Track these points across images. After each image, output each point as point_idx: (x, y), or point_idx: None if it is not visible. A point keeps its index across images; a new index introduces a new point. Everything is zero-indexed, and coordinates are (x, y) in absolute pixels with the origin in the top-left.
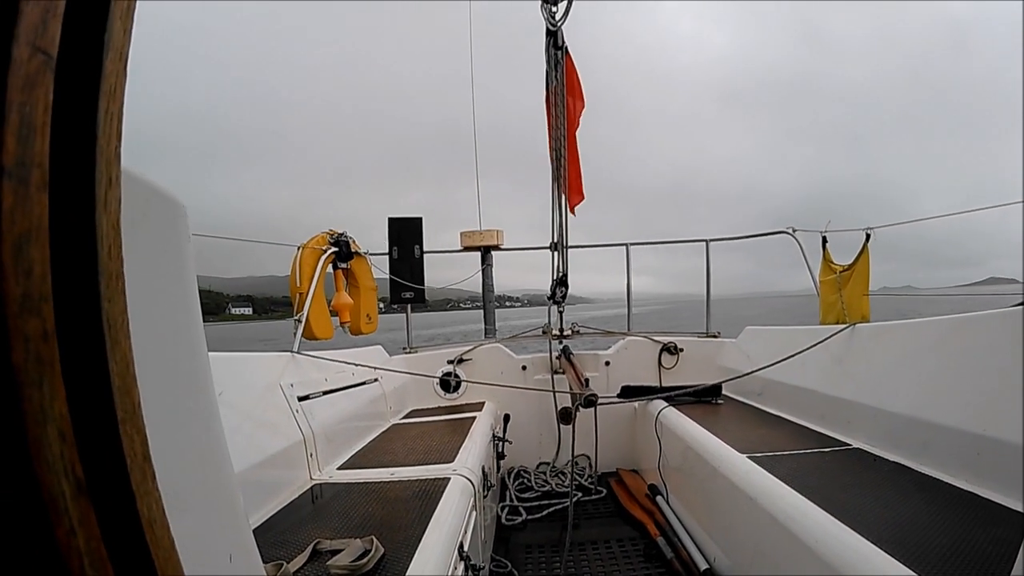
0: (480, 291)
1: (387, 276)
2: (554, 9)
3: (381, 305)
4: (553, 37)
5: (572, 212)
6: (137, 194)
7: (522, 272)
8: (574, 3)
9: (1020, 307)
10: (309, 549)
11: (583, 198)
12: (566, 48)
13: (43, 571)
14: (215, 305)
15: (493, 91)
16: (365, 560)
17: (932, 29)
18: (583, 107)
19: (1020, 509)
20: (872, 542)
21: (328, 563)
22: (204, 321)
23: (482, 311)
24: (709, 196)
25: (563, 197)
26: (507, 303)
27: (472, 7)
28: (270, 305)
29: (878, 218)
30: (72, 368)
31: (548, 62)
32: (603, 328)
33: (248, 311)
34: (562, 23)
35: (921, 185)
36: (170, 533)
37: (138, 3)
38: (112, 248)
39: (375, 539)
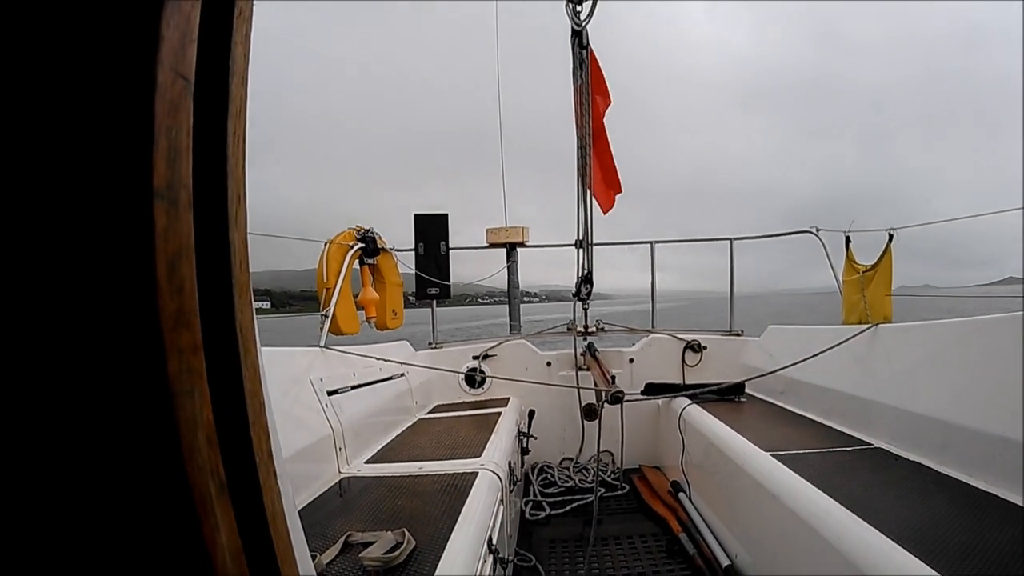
0: (503, 287)
1: (413, 272)
2: (578, 9)
3: (411, 299)
4: (578, 36)
5: (604, 211)
6: None
7: (541, 268)
8: (599, 3)
9: None
10: (341, 541)
11: (620, 191)
12: (590, 47)
13: (191, 565)
14: None
15: (518, 87)
16: (397, 552)
17: (949, 29)
18: (608, 104)
19: None
20: (893, 540)
21: (360, 555)
22: None
23: (502, 306)
24: (727, 194)
25: (588, 194)
26: (525, 299)
27: (498, 5)
28: (288, 299)
29: (895, 216)
30: (215, 376)
31: (573, 61)
32: (626, 325)
33: (267, 305)
34: (587, 23)
35: (938, 184)
36: (287, 525)
37: None
38: (242, 262)
39: (407, 532)
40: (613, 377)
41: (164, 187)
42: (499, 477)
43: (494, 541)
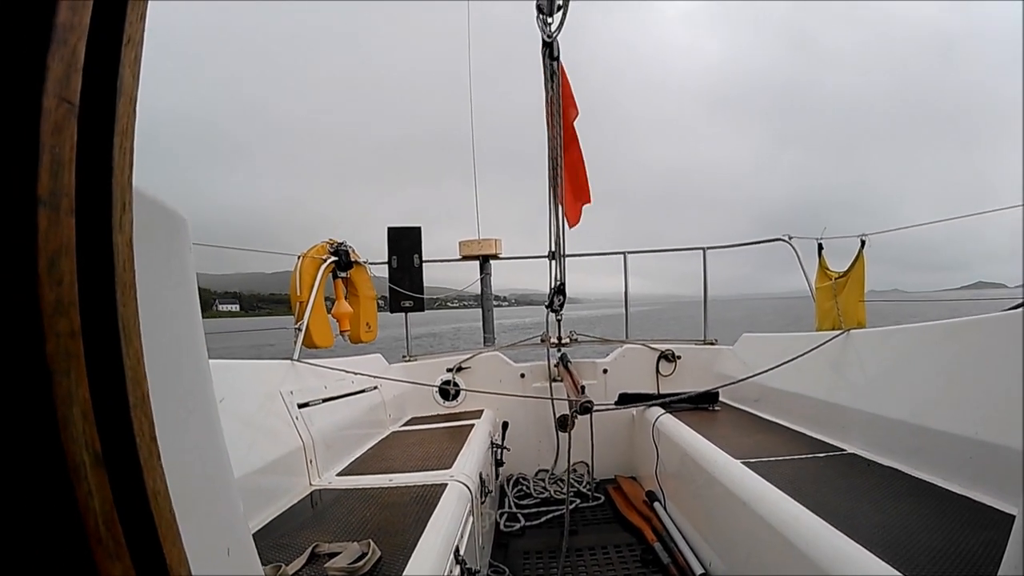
0: (474, 291)
1: (388, 283)
2: (550, 20)
3: (381, 303)
4: (549, 48)
5: (571, 225)
6: (145, 210)
7: (511, 272)
8: (572, 14)
9: (1014, 311)
10: (307, 552)
11: (589, 201)
12: (559, 59)
13: (65, 527)
14: (203, 302)
15: (493, 91)
16: (362, 563)
17: (920, 40)
18: (576, 114)
19: (1013, 512)
20: (864, 545)
21: (326, 565)
22: None
23: (471, 310)
24: (700, 198)
25: (560, 207)
26: (495, 303)
27: (469, 9)
28: (257, 302)
29: (865, 221)
30: (94, 361)
31: (544, 72)
32: (600, 335)
33: (235, 308)
34: (557, 34)
35: (907, 191)
36: (172, 505)
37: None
38: (126, 262)
39: (372, 542)
40: (583, 388)
41: (47, 195)
42: (469, 488)
43: (461, 551)
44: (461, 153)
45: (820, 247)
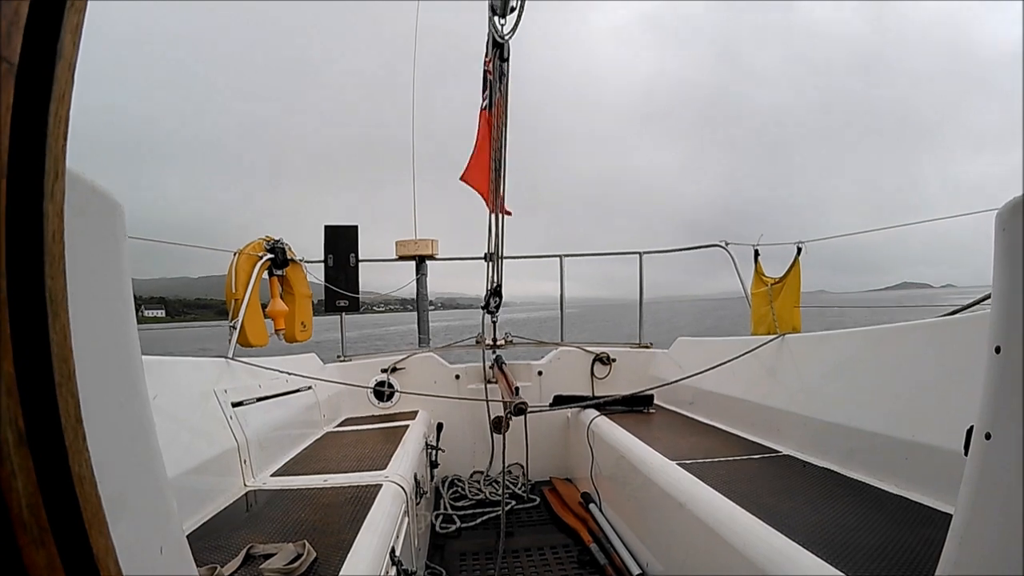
0: (405, 296)
1: (322, 283)
2: (502, 22)
3: (317, 303)
4: (500, 49)
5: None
6: (79, 192)
7: (438, 277)
8: (522, 24)
9: (946, 318)
10: (242, 554)
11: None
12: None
13: None
14: None
15: (424, 97)
16: (298, 563)
17: (841, 55)
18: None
19: (948, 511)
20: (800, 544)
21: (261, 567)
22: None
23: (399, 313)
24: (631, 205)
25: (499, 206)
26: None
27: (407, 16)
28: (183, 307)
29: (790, 226)
30: (19, 333)
31: (493, 73)
32: (535, 337)
33: (161, 313)
34: (511, 36)
35: (831, 196)
36: (98, 491)
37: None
38: (56, 233)
39: (307, 543)
40: (517, 389)
41: None
42: (404, 489)
43: (397, 552)
44: (398, 155)
45: (756, 253)
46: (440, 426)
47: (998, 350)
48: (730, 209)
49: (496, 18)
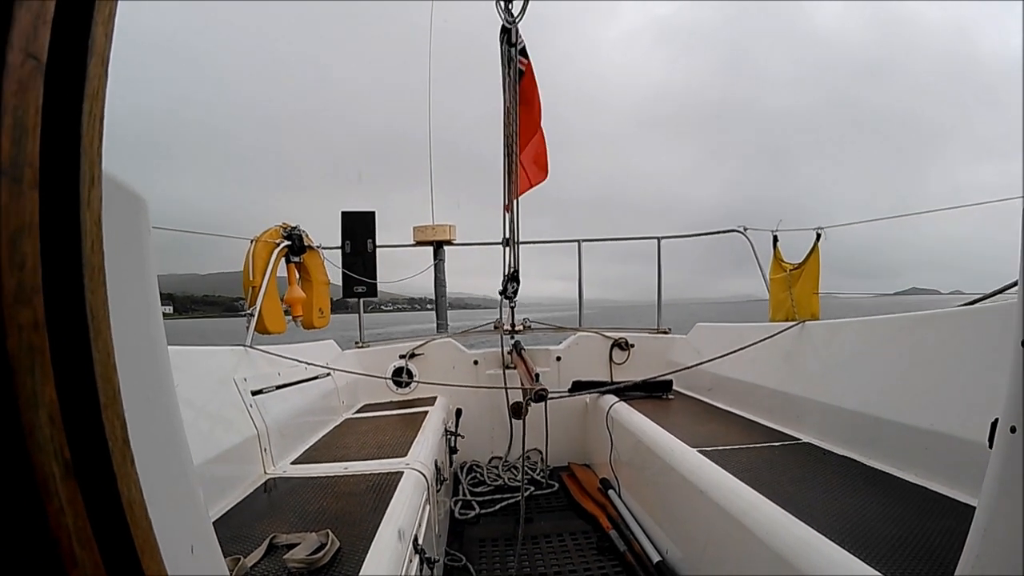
0: (422, 292)
1: (340, 270)
2: (511, 5)
3: (334, 298)
4: (507, 34)
5: (529, 183)
6: (106, 189)
7: (447, 275)
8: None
9: (970, 307)
10: (265, 544)
11: (546, 174)
12: (525, 49)
13: (36, 548)
14: None
15: (442, 100)
16: (321, 554)
17: (849, 60)
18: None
19: (969, 502)
20: (821, 533)
21: (284, 557)
22: None
23: (416, 312)
24: (637, 207)
25: (515, 190)
26: (429, 307)
27: (421, 18)
28: (191, 304)
29: (801, 224)
30: (60, 355)
31: (502, 58)
32: (554, 324)
33: (169, 310)
34: (519, 19)
35: (838, 200)
36: (148, 514)
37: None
38: (95, 243)
39: (331, 533)
40: (537, 375)
41: (8, 164)
42: (425, 476)
43: (420, 541)
44: (407, 157)
45: (775, 239)
46: (459, 412)
47: None
48: (740, 214)
49: (503, 3)
